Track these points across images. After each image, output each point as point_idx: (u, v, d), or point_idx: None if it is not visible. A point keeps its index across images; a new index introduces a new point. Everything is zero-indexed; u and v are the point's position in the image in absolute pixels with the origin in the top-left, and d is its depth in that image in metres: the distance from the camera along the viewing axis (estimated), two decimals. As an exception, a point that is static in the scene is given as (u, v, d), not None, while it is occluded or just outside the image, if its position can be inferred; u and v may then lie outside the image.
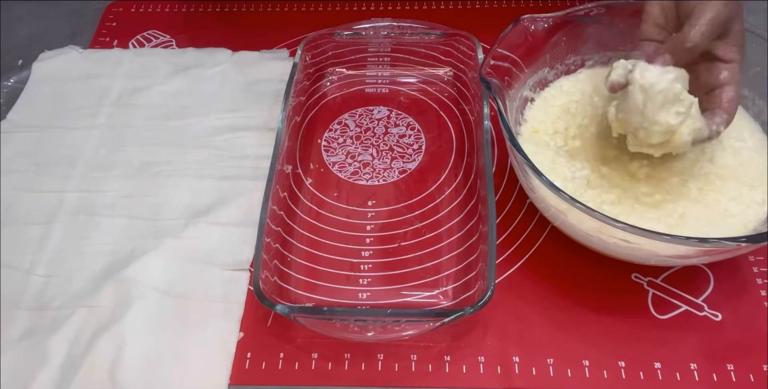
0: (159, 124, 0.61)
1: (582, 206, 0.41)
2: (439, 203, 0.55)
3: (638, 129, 0.41)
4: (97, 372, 0.45)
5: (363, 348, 0.47)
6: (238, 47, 0.68)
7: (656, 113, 0.39)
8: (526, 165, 0.43)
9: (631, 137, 0.42)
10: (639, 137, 0.41)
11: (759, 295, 0.49)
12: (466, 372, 0.45)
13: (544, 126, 0.52)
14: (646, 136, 0.41)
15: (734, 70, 0.43)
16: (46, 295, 0.49)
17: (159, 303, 0.48)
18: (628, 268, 0.50)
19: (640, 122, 0.41)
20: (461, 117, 0.61)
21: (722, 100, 0.43)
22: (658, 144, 0.41)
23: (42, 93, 0.64)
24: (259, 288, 0.44)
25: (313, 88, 0.64)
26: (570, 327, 0.47)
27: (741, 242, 0.38)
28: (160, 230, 0.53)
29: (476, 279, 0.48)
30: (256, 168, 0.57)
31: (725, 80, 0.43)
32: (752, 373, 0.45)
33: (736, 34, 0.43)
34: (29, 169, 0.58)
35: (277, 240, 0.50)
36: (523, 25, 0.51)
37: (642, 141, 0.42)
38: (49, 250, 0.52)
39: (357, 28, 0.61)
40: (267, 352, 0.47)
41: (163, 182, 0.57)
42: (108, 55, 0.68)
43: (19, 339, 0.47)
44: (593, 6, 0.52)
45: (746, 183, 0.47)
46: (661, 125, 0.39)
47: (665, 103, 0.39)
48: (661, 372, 0.45)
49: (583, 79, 0.55)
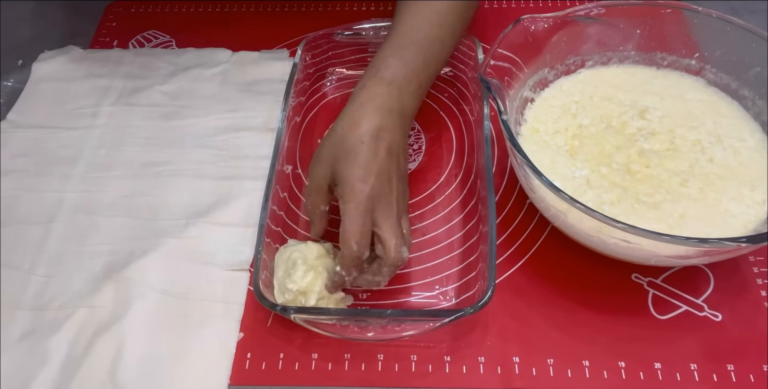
0: (159, 124, 0.61)
1: (582, 206, 0.41)
2: (439, 203, 0.55)
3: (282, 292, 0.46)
4: (97, 372, 0.45)
5: (363, 348, 0.47)
6: (238, 47, 0.68)
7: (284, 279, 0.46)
8: (526, 165, 0.43)
9: (279, 295, 0.46)
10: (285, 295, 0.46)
11: (759, 295, 0.49)
12: (466, 372, 0.45)
13: (544, 126, 0.52)
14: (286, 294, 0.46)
15: (344, 217, 0.44)
16: (46, 295, 0.49)
17: (159, 303, 0.48)
18: (628, 268, 0.50)
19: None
20: (461, 117, 0.61)
21: None
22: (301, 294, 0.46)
23: (42, 93, 0.64)
24: (259, 288, 0.44)
25: (313, 89, 0.64)
26: (570, 327, 0.47)
27: (741, 242, 0.38)
28: (160, 230, 0.53)
29: (476, 279, 0.48)
30: (256, 168, 0.57)
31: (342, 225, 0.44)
32: (752, 373, 0.45)
33: (339, 184, 0.45)
34: (29, 169, 0.58)
35: (277, 240, 0.50)
36: (523, 25, 0.51)
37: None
38: (49, 250, 0.52)
39: (357, 28, 0.61)
40: (267, 352, 0.47)
41: (163, 182, 0.57)
42: (108, 55, 0.68)
43: (19, 339, 0.47)
44: (593, 6, 0.52)
45: (746, 183, 0.47)
46: (289, 289, 0.45)
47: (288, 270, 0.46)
48: (661, 372, 0.45)
49: (583, 79, 0.55)
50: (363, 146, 0.45)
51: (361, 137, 0.45)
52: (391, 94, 0.47)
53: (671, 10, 0.52)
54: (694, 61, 0.54)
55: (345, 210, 0.44)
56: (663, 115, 0.52)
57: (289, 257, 0.46)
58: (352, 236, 0.43)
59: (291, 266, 0.46)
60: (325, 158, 0.46)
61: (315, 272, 0.45)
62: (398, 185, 0.46)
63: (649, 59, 0.55)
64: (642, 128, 0.51)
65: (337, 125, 0.47)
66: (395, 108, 0.47)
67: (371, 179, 0.44)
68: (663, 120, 0.51)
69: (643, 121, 0.51)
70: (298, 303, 0.45)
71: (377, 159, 0.45)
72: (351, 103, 0.48)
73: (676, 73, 0.55)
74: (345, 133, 0.46)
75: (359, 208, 0.43)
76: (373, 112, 0.46)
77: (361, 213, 0.43)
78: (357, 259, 0.44)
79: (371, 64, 0.50)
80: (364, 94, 0.48)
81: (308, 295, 0.45)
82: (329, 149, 0.46)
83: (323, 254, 0.47)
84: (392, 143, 0.46)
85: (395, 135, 0.47)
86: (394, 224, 0.44)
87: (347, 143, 0.45)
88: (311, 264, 0.46)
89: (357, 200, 0.43)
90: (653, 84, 0.54)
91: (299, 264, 0.45)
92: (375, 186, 0.44)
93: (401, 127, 0.47)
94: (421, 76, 0.50)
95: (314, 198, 0.47)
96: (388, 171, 0.45)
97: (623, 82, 0.55)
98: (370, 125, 0.46)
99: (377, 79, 0.48)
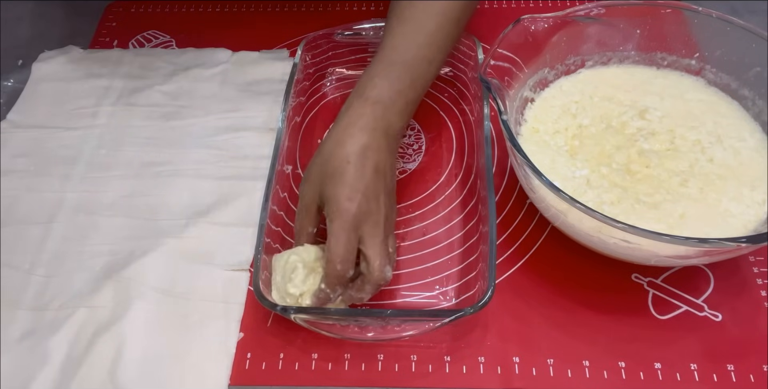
0: (159, 124, 0.61)
1: (582, 206, 0.41)
2: (439, 203, 0.55)
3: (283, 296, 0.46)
4: (97, 372, 0.45)
5: (363, 348, 0.47)
6: (238, 47, 0.68)
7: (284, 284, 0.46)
8: (526, 165, 0.43)
9: (280, 300, 0.46)
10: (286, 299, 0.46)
11: (759, 295, 0.49)
12: (466, 372, 0.45)
13: (544, 126, 0.52)
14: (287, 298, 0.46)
15: (330, 236, 0.44)
16: (46, 295, 0.49)
17: (159, 303, 0.48)
18: (628, 268, 0.50)
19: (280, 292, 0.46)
20: (461, 117, 0.61)
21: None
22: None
23: (42, 93, 0.64)
24: (259, 288, 0.44)
25: (313, 89, 0.64)
26: (570, 327, 0.47)
27: (741, 242, 0.38)
28: (160, 230, 0.53)
29: (476, 279, 0.48)
30: (256, 168, 0.57)
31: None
32: (752, 373, 0.45)
33: (327, 202, 0.45)
34: (29, 169, 0.58)
35: (277, 240, 0.50)
36: (523, 25, 0.51)
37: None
38: (49, 250, 0.52)
39: (357, 28, 0.61)
40: (267, 352, 0.47)
41: (163, 182, 0.57)
42: (108, 55, 0.68)
43: (19, 339, 0.47)
44: (593, 6, 0.52)
45: (747, 183, 0.47)
46: (291, 294, 0.45)
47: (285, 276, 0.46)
48: (661, 372, 0.45)
49: (583, 79, 0.55)
50: (349, 166, 0.45)
51: (347, 157, 0.45)
52: (376, 114, 0.47)
53: (671, 10, 0.52)
54: (694, 61, 0.54)
55: (331, 229, 0.44)
56: (663, 115, 0.52)
57: (287, 261, 0.46)
58: (336, 256, 0.43)
59: (290, 270, 0.46)
60: (312, 179, 0.46)
61: (315, 275, 0.45)
62: (386, 204, 0.46)
63: (649, 59, 0.55)
64: (642, 128, 0.51)
65: (324, 146, 0.47)
66: (380, 127, 0.47)
67: (358, 197, 0.44)
68: (663, 120, 0.51)
69: (643, 121, 0.51)
70: (298, 305, 0.45)
71: (364, 178, 0.45)
72: (336, 123, 0.48)
73: (676, 73, 0.55)
74: (331, 153, 0.46)
75: (344, 227, 0.43)
76: (358, 132, 0.46)
77: (346, 232, 0.43)
78: (341, 278, 0.44)
79: (357, 84, 0.50)
80: (349, 114, 0.48)
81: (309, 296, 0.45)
82: (316, 170, 0.46)
83: (321, 256, 0.47)
84: (379, 162, 0.46)
85: (381, 154, 0.46)
86: (379, 243, 0.44)
87: (333, 164, 0.45)
88: (311, 267, 0.46)
89: (343, 219, 0.43)
90: (653, 84, 0.54)
91: (299, 268, 0.45)
92: (362, 205, 0.44)
93: (387, 146, 0.47)
94: (407, 95, 0.49)
95: (302, 219, 0.47)
96: (375, 190, 0.45)
97: (623, 82, 0.55)
98: (355, 145, 0.46)
99: (362, 100, 0.48)
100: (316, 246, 0.48)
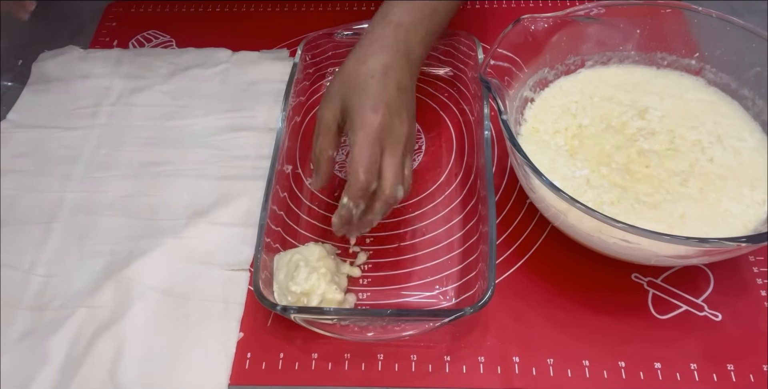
0: (159, 124, 0.61)
1: (582, 206, 0.41)
2: (439, 203, 0.55)
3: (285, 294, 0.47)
4: (97, 372, 0.45)
5: (363, 348, 0.47)
6: (238, 47, 0.68)
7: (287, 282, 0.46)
8: (526, 165, 0.43)
9: (281, 297, 0.46)
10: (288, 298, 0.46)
11: (759, 295, 0.49)
12: (466, 372, 0.45)
13: (544, 126, 0.52)
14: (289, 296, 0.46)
15: (354, 146, 0.44)
16: (46, 295, 0.49)
17: (159, 303, 0.48)
18: (628, 268, 0.50)
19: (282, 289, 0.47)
20: (461, 117, 0.61)
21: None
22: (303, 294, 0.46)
23: (42, 93, 0.64)
24: (259, 288, 0.44)
25: (313, 89, 0.64)
26: (570, 327, 0.47)
27: (741, 242, 0.38)
28: (160, 230, 0.53)
29: (476, 279, 0.48)
30: (256, 168, 0.57)
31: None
32: (752, 373, 0.45)
33: (350, 116, 0.45)
34: (29, 169, 0.58)
35: (277, 240, 0.50)
36: (523, 25, 0.51)
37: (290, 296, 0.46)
38: (49, 250, 0.52)
39: (357, 28, 0.61)
40: (267, 352, 0.47)
41: (163, 182, 0.57)
42: (108, 55, 0.68)
43: (19, 339, 0.47)
44: (593, 6, 0.52)
45: (747, 183, 0.47)
46: (293, 292, 0.45)
47: (290, 273, 0.46)
48: (661, 372, 0.45)
49: (583, 79, 0.55)
50: (373, 80, 0.45)
51: (370, 73, 0.45)
52: (398, 36, 0.48)
53: (671, 10, 0.52)
54: (694, 61, 0.54)
55: (354, 140, 0.43)
56: (663, 115, 0.52)
57: (290, 259, 0.47)
58: (360, 164, 0.43)
59: (293, 268, 0.46)
60: (334, 96, 0.46)
61: (317, 274, 0.45)
62: (409, 122, 0.46)
63: (649, 59, 0.55)
64: (642, 127, 0.51)
65: (345, 66, 0.47)
66: (401, 50, 0.47)
67: (382, 108, 0.44)
68: (663, 120, 0.51)
69: (642, 121, 0.51)
70: (299, 304, 0.45)
71: (387, 91, 0.45)
72: (358, 45, 0.48)
73: (676, 73, 0.55)
74: (353, 71, 0.46)
75: (369, 137, 0.43)
76: (379, 51, 0.46)
77: (370, 142, 0.43)
78: (364, 189, 0.43)
79: (379, 10, 0.50)
80: (371, 35, 0.48)
81: (310, 296, 0.45)
82: (338, 87, 0.46)
83: (324, 256, 0.47)
84: (401, 80, 0.46)
85: (403, 73, 0.47)
86: (397, 162, 0.44)
87: (356, 80, 0.45)
88: (313, 266, 0.46)
89: (367, 130, 0.43)
90: (653, 84, 0.54)
91: (302, 266, 0.46)
92: (386, 117, 0.44)
93: (409, 69, 0.48)
94: (427, 25, 0.50)
95: (322, 141, 0.47)
96: (398, 105, 0.45)
97: (623, 82, 0.55)
98: (378, 63, 0.46)
99: (385, 22, 0.48)
100: (319, 245, 0.48)
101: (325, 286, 0.45)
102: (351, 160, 0.43)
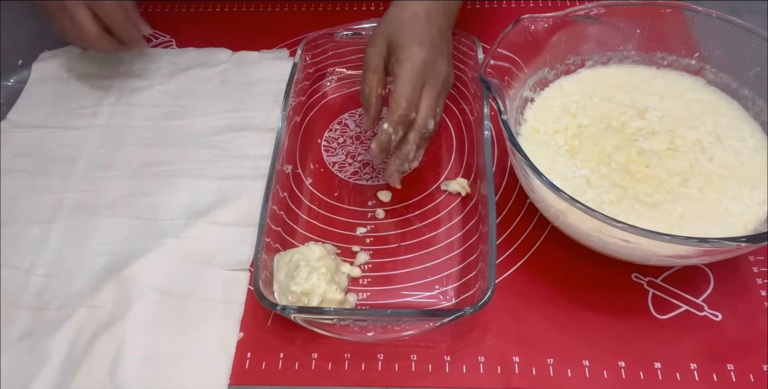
0: (159, 124, 0.61)
1: (582, 206, 0.41)
2: (439, 203, 0.55)
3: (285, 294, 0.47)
4: (97, 372, 0.45)
5: (363, 348, 0.47)
6: (238, 47, 0.68)
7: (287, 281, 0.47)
8: (526, 165, 0.43)
9: (282, 297, 0.46)
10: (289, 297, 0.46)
11: (759, 295, 0.48)
12: (466, 372, 0.45)
13: (544, 126, 0.52)
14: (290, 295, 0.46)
15: (398, 77, 0.48)
16: (46, 295, 0.49)
17: (159, 303, 0.48)
18: (628, 268, 0.50)
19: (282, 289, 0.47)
20: (461, 117, 0.61)
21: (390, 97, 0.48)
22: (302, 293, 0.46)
23: (42, 93, 0.64)
24: (259, 288, 0.44)
25: (313, 88, 0.64)
26: (570, 327, 0.47)
27: (741, 242, 0.38)
28: (160, 230, 0.53)
29: (476, 279, 0.48)
30: (256, 168, 0.57)
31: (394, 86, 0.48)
32: (752, 373, 0.45)
33: (396, 50, 0.49)
34: (29, 169, 0.58)
35: (277, 240, 0.50)
36: (523, 25, 0.51)
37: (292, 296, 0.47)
38: (49, 250, 0.52)
39: (357, 28, 0.61)
40: (267, 352, 0.47)
41: (163, 182, 0.57)
42: (108, 55, 0.68)
43: (19, 339, 0.47)
44: (593, 6, 0.52)
45: (746, 183, 0.47)
46: (293, 291, 0.46)
47: (290, 273, 0.47)
48: (661, 372, 0.45)
49: (583, 79, 0.55)
50: (418, 19, 0.48)
51: (415, 14, 0.49)
52: None
53: (671, 10, 0.52)
54: (694, 61, 0.54)
55: (399, 71, 0.47)
56: (663, 115, 0.52)
57: (290, 259, 0.47)
58: (403, 93, 0.46)
59: (293, 268, 0.46)
60: (380, 37, 0.49)
61: (318, 274, 0.45)
62: (449, 63, 0.49)
63: (649, 59, 0.55)
64: (642, 127, 0.51)
65: (388, 13, 0.51)
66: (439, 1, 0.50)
67: (427, 45, 0.47)
68: (663, 120, 0.51)
69: (642, 121, 0.51)
70: (300, 304, 0.45)
71: (431, 31, 0.48)
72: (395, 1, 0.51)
73: (676, 73, 0.55)
74: (397, 15, 0.49)
75: (414, 69, 0.46)
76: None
77: (414, 73, 0.46)
78: (405, 116, 0.46)
79: None
80: None
81: (310, 296, 0.45)
82: (383, 31, 0.49)
83: (324, 256, 0.47)
84: (442, 26, 0.50)
85: (443, 20, 0.50)
86: (433, 96, 0.48)
87: (401, 20, 0.49)
88: (314, 266, 0.46)
89: (413, 62, 0.46)
90: (653, 84, 0.54)
91: (302, 266, 0.46)
92: (429, 53, 0.47)
93: (447, 19, 0.51)
94: None
95: (371, 80, 0.49)
96: (440, 47, 0.49)
97: (623, 82, 0.55)
98: (421, 8, 0.49)
99: None
100: (319, 245, 0.48)
101: (325, 286, 0.45)
102: (395, 89, 0.46)
